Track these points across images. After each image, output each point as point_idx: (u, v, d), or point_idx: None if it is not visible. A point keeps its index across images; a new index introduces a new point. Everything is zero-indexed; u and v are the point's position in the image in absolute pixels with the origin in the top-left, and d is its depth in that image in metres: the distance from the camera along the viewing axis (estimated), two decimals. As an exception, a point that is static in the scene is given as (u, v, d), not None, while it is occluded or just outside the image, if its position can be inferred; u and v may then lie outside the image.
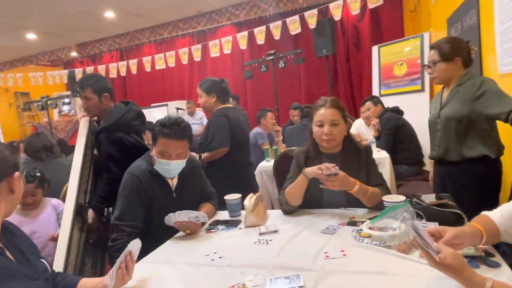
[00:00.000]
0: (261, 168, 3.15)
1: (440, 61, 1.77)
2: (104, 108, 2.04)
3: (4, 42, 6.28)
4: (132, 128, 2.01)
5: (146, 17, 5.82)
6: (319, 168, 1.40)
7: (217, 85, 2.45)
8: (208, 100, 2.44)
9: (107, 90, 2.05)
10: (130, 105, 2.06)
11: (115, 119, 1.96)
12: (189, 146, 1.64)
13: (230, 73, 7.00)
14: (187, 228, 1.46)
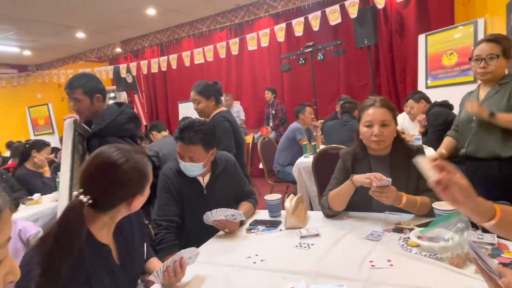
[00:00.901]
0: (299, 164, 3.11)
1: (500, 57, 1.66)
2: (95, 110, 1.88)
3: (57, 41, 6.72)
4: (125, 131, 1.86)
5: (185, 12, 5.92)
6: (367, 177, 1.34)
7: (213, 89, 2.41)
8: (208, 105, 2.39)
9: (99, 91, 1.88)
10: (123, 107, 1.90)
11: (107, 122, 1.79)
12: (207, 149, 1.60)
13: (267, 66, 6.97)
14: (225, 226, 1.49)
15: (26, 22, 5.50)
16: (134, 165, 0.98)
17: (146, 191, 1.03)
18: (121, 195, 0.98)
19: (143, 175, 1.00)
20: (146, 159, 1.03)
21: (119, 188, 0.96)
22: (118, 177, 0.96)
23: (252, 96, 7.23)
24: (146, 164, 1.02)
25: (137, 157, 1.00)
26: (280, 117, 5.55)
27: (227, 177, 1.77)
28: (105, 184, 0.95)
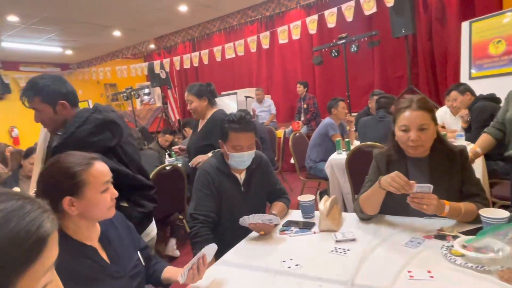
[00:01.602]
0: (332, 160, 3.05)
1: None
2: (63, 120, 1.46)
3: (96, 40, 7.02)
4: (91, 145, 1.36)
5: (216, 7, 5.95)
6: (392, 179, 1.25)
7: (206, 89, 2.42)
8: (201, 104, 2.40)
9: (62, 96, 1.45)
10: (89, 113, 1.43)
11: (65, 136, 1.39)
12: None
13: (297, 59, 6.87)
14: (261, 229, 1.49)
15: (68, 24, 5.79)
16: (59, 169, 1.00)
17: (85, 194, 0.99)
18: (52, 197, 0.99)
19: (70, 176, 0.99)
20: (67, 167, 0.99)
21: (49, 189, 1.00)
22: (50, 177, 1.00)
23: (283, 90, 7.16)
24: (75, 168, 0.99)
25: (62, 164, 1.00)
26: (312, 111, 5.46)
27: (261, 174, 1.79)
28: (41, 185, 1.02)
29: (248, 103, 6.21)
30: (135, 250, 1.20)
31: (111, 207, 1.07)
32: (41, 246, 0.49)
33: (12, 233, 0.46)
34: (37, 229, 0.49)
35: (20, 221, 0.48)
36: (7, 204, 0.48)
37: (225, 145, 1.66)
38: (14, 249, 0.46)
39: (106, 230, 1.11)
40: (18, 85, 8.11)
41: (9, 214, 0.47)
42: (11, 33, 5.93)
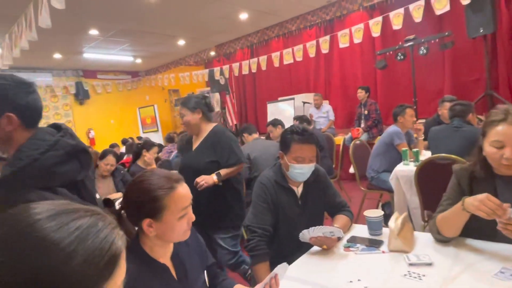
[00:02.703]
0: (397, 172, 2.85)
1: None
2: (11, 139, 1.04)
3: (162, 49, 7.52)
4: (55, 178, 1.02)
5: (275, 13, 5.99)
6: (481, 202, 1.10)
7: (200, 102, 2.23)
8: (194, 118, 2.20)
9: (14, 107, 1.02)
10: (58, 136, 1.07)
11: (24, 162, 0.98)
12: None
13: (358, 63, 6.61)
14: (322, 243, 1.43)
15: (139, 35, 6.28)
16: (142, 190, 1.00)
17: (164, 218, 0.99)
18: (135, 216, 1.02)
19: (152, 199, 0.99)
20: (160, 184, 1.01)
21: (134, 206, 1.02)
22: (134, 196, 1.02)
23: (341, 95, 6.94)
24: (158, 192, 0.99)
25: (151, 180, 1.02)
26: (373, 118, 5.19)
27: (318, 187, 1.74)
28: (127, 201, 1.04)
29: (306, 109, 6.13)
30: (202, 270, 1.21)
31: (187, 231, 1.05)
32: (114, 264, 0.49)
33: (88, 252, 0.45)
34: (110, 247, 0.48)
35: (94, 239, 0.47)
36: (82, 221, 0.48)
37: (285, 156, 1.63)
38: (91, 267, 0.45)
39: (178, 248, 1.12)
40: (95, 91, 9.01)
41: (85, 232, 0.47)
42: (91, 45, 6.61)
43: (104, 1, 4.53)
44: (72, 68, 8.57)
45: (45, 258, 0.43)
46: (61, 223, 0.46)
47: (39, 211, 0.47)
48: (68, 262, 0.43)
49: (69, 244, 0.44)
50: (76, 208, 0.50)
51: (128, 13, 5.12)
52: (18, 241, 0.43)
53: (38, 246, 0.43)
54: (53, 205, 0.49)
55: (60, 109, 8.58)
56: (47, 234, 0.44)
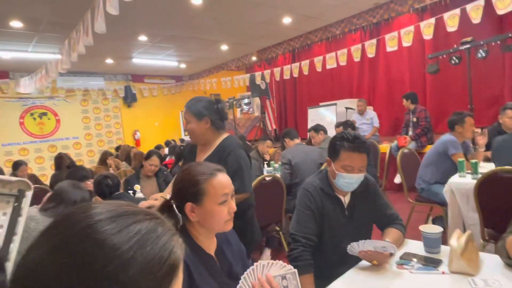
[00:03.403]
0: (452, 184, 2.62)
1: None
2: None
3: (206, 54, 7.70)
4: None
5: (319, 17, 5.88)
6: None
7: (211, 107, 1.81)
8: (200, 127, 1.79)
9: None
10: None
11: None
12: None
13: (406, 68, 6.29)
14: (373, 258, 1.33)
15: (185, 40, 6.48)
16: (186, 175, 1.08)
17: (204, 203, 1.04)
18: (179, 200, 1.07)
19: (193, 183, 1.05)
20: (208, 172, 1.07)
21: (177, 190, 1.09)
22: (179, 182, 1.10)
23: (387, 101, 6.64)
24: (198, 177, 1.06)
25: (197, 169, 1.08)
26: (422, 125, 4.87)
27: (367, 197, 1.64)
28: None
29: (348, 115, 5.93)
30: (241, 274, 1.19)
31: (228, 221, 1.08)
32: (173, 275, 0.44)
33: (147, 260, 0.41)
34: (169, 255, 0.43)
35: (154, 246, 0.42)
36: (142, 225, 0.43)
37: (333, 163, 1.55)
38: (149, 278, 0.41)
39: (222, 246, 1.13)
40: (142, 95, 9.45)
41: (144, 237, 0.42)
42: (140, 50, 6.94)
43: (154, 8, 4.73)
44: (122, 73, 9.06)
45: (103, 263, 0.39)
46: (121, 226, 0.42)
47: (100, 211, 0.44)
48: (126, 269, 0.39)
49: (128, 250, 0.40)
50: (136, 210, 0.46)
51: (175, 20, 5.30)
52: (76, 243, 0.40)
53: (97, 249, 0.39)
54: (114, 205, 0.46)
55: (110, 111, 9.10)
56: (106, 237, 0.40)
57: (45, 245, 0.41)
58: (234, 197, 1.97)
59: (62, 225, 0.43)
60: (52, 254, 0.40)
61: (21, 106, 7.82)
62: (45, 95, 8.07)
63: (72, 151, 8.26)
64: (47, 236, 0.42)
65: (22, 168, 4.29)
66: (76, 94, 8.47)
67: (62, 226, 0.43)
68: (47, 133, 8.17)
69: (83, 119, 8.67)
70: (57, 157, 4.56)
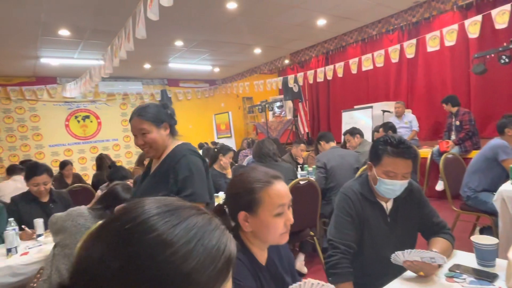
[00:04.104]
0: (503, 192, 2.43)
1: None
2: None
3: (239, 58, 7.78)
4: None
5: (355, 18, 5.75)
6: None
7: (164, 111, 1.67)
8: (161, 135, 1.63)
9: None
10: None
11: None
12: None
13: (448, 68, 5.97)
14: (420, 269, 1.25)
15: (217, 45, 6.59)
16: (241, 182, 1.02)
17: (259, 213, 0.97)
18: (232, 208, 1.01)
19: (248, 191, 0.98)
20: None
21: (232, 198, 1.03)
22: (232, 189, 1.03)
23: (426, 104, 6.33)
24: (254, 184, 0.99)
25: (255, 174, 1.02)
26: (466, 129, 4.59)
27: (411, 204, 1.56)
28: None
29: (385, 118, 5.72)
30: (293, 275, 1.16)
31: (284, 234, 0.99)
32: (229, 266, 0.44)
33: (207, 251, 0.42)
34: (225, 248, 0.44)
35: (211, 238, 0.43)
36: (197, 219, 0.44)
37: (375, 168, 1.48)
38: (210, 267, 0.41)
39: (272, 256, 1.08)
40: (177, 98, 9.72)
41: (201, 230, 0.43)
42: (176, 55, 7.15)
43: (190, 14, 4.85)
44: (158, 77, 9.38)
45: (166, 254, 0.39)
46: (179, 219, 0.43)
47: (156, 206, 0.44)
48: (188, 260, 0.40)
49: (189, 242, 0.41)
50: (188, 205, 0.47)
51: (210, 24, 5.40)
52: (139, 236, 0.40)
53: (160, 241, 0.40)
54: (167, 201, 0.46)
55: (147, 114, 9.44)
56: (168, 229, 0.41)
57: (106, 240, 0.42)
58: None
59: (122, 219, 0.43)
60: (115, 248, 0.40)
61: (67, 109, 8.32)
62: (88, 99, 8.54)
63: (111, 152, 8.65)
64: (106, 231, 0.43)
65: (68, 168, 4.55)
66: (116, 98, 8.89)
67: (122, 220, 0.43)
68: (90, 135, 8.63)
69: (122, 121, 9.07)
70: (98, 158, 4.79)
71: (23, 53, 5.98)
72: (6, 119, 7.61)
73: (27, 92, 7.72)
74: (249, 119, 10.60)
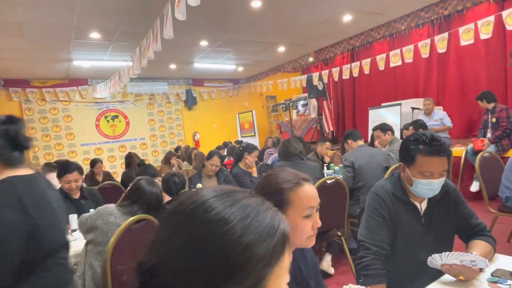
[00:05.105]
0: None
1: None
2: None
3: (263, 57, 7.77)
4: None
5: (383, 13, 5.58)
6: None
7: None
8: None
9: None
10: None
11: None
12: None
13: (482, 63, 5.68)
14: (459, 273, 1.19)
15: (241, 44, 6.61)
16: (269, 182, 1.02)
17: (288, 214, 0.96)
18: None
19: (277, 191, 0.97)
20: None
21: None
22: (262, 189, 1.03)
23: (458, 100, 6.06)
24: (283, 185, 0.99)
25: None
26: (503, 127, 4.34)
27: (447, 204, 1.49)
28: None
29: (414, 116, 5.51)
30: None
31: (311, 237, 0.98)
32: (285, 242, 0.48)
33: (262, 227, 0.46)
34: (278, 225, 0.48)
35: (265, 216, 0.48)
36: (251, 200, 0.49)
37: (408, 169, 1.42)
38: (266, 241, 0.45)
39: (298, 260, 1.07)
40: (202, 98, 9.86)
41: (256, 209, 0.48)
42: (201, 55, 7.24)
43: (215, 13, 4.89)
44: (183, 77, 9.55)
45: (222, 231, 0.44)
46: (234, 200, 0.48)
47: (210, 191, 0.50)
48: (247, 234, 0.45)
49: (245, 218, 0.46)
50: (240, 189, 0.52)
51: (235, 23, 5.42)
52: (200, 216, 0.46)
53: (221, 218, 0.45)
54: (221, 187, 0.52)
55: (172, 114, 9.64)
56: (225, 208, 0.46)
57: (172, 222, 0.48)
58: None
59: (184, 204, 0.49)
60: (180, 227, 0.47)
61: (97, 109, 8.64)
62: (117, 100, 8.83)
63: (139, 151, 8.90)
64: (171, 216, 0.49)
65: (98, 165, 4.71)
66: (143, 98, 9.13)
67: (185, 204, 0.49)
68: (118, 134, 8.92)
69: (149, 121, 9.31)
70: (128, 156, 4.94)
71: (57, 56, 6.27)
72: (41, 119, 8.00)
73: (61, 93, 8.09)
74: (272, 117, 10.57)
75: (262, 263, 0.44)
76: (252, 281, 0.44)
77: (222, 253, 0.43)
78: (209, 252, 0.43)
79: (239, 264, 0.43)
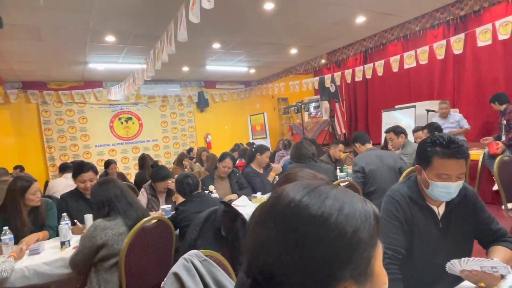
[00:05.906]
0: None
1: None
2: None
3: (274, 59, 7.77)
4: None
5: (397, 14, 5.51)
6: None
7: None
8: None
9: None
10: None
11: None
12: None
13: (500, 64, 5.56)
14: (479, 280, 1.16)
15: (254, 46, 6.62)
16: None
17: None
18: None
19: None
20: None
21: None
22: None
23: (475, 103, 5.93)
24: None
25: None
26: (516, 128, 4.21)
27: (466, 208, 1.45)
28: None
29: (429, 118, 5.42)
30: None
31: None
32: (378, 222, 0.50)
33: (358, 211, 0.48)
34: (369, 207, 0.51)
35: (355, 202, 0.50)
36: (336, 191, 0.51)
37: (425, 171, 1.39)
38: (367, 224, 0.48)
39: None
40: (213, 100, 9.92)
41: (345, 197, 0.50)
42: (213, 58, 7.29)
43: (228, 16, 4.92)
44: (196, 79, 9.63)
45: (334, 215, 0.47)
46: (325, 194, 0.50)
47: (296, 191, 0.51)
48: (350, 219, 0.47)
49: (341, 209, 0.48)
50: (321, 182, 0.54)
51: (248, 26, 5.44)
52: (300, 217, 0.47)
53: (318, 216, 0.47)
54: (301, 184, 0.53)
55: (185, 115, 9.73)
56: (320, 206, 0.48)
57: (271, 223, 0.49)
58: None
59: (279, 205, 0.50)
60: (285, 226, 0.48)
61: (111, 111, 8.79)
62: (131, 102, 8.96)
63: (151, 152, 9.00)
64: (267, 217, 0.51)
65: (112, 166, 4.79)
66: (156, 100, 9.24)
67: (279, 206, 0.50)
68: (132, 135, 9.05)
69: (162, 123, 9.41)
70: (141, 158, 5.00)
71: (73, 59, 6.41)
72: (58, 121, 8.19)
73: (76, 95, 8.27)
74: (284, 120, 10.55)
75: (368, 246, 0.47)
76: (364, 265, 0.47)
77: (334, 242, 0.45)
78: (323, 244, 0.45)
79: (351, 251, 0.46)
